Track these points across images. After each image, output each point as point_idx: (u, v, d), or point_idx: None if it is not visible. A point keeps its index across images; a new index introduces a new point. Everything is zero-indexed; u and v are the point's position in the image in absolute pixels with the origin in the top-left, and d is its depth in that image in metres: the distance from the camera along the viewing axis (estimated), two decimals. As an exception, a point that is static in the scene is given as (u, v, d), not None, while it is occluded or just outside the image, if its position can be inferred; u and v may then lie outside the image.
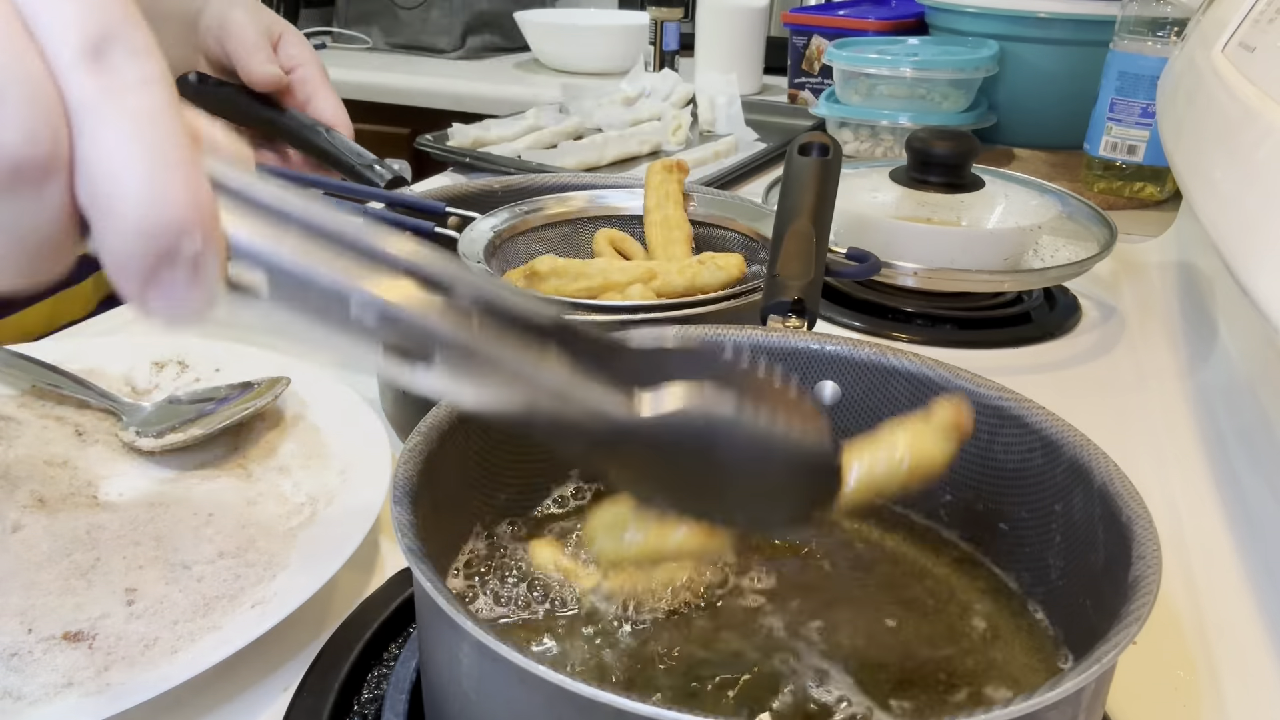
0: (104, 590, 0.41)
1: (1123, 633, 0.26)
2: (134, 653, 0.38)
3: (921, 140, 0.77)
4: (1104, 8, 1.06)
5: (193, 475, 0.50)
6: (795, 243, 0.48)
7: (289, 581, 0.41)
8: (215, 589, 0.41)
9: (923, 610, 0.37)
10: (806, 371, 0.43)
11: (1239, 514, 0.53)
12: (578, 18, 1.82)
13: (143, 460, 0.51)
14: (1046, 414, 0.37)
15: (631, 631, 0.35)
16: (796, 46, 1.35)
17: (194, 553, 0.43)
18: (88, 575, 0.41)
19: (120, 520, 0.45)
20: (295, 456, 0.51)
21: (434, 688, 0.31)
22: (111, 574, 0.41)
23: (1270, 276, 0.41)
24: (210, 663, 0.36)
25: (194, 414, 0.53)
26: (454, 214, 0.61)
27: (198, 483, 0.49)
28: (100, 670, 0.37)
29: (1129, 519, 0.31)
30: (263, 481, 0.49)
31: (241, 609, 0.40)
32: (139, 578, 0.41)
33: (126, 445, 0.52)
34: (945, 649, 0.35)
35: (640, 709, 0.23)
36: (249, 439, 0.53)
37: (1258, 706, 0.41)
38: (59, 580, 0.41)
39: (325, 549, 0.43)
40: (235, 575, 0.42)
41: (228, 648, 0.37)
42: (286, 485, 0.49)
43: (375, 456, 0.49)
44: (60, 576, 0.41)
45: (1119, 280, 0.83)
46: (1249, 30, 0.59)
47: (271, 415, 0.54)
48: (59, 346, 0.60)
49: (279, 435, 0.53)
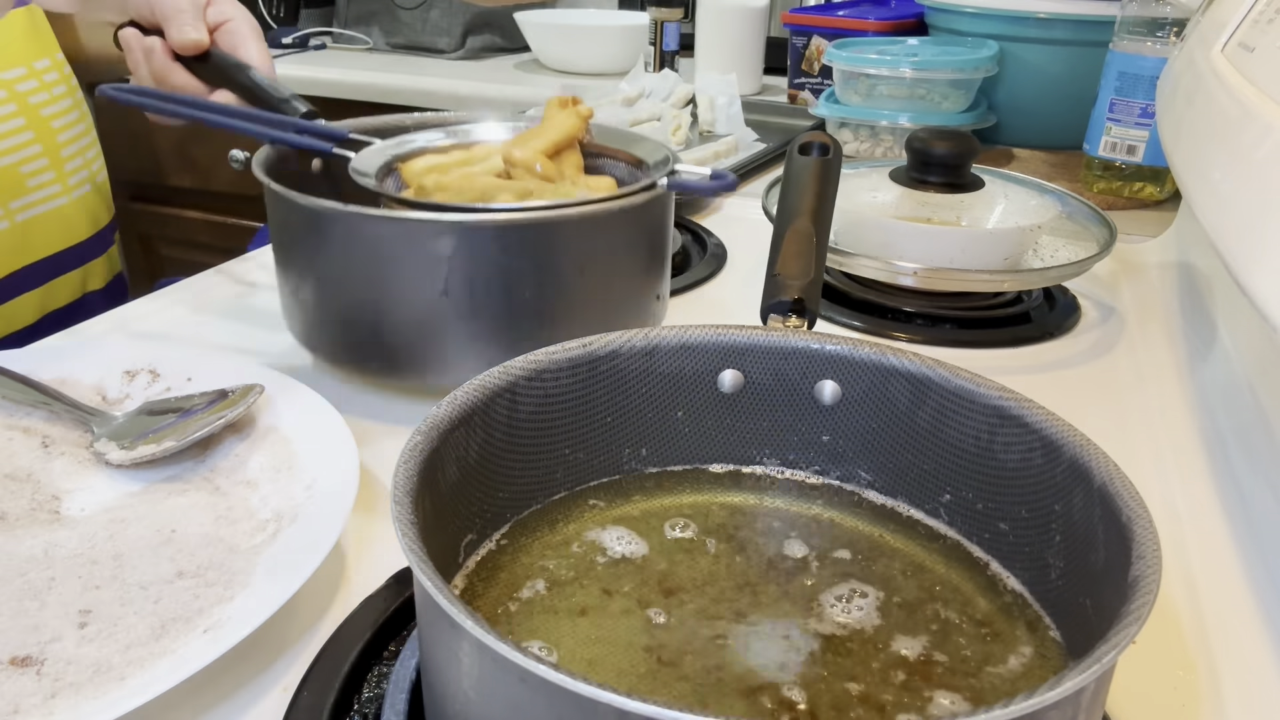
0: (57, 612, 0.39)
1: (1122, 633, 0.26)
2: (83, 679, 0.36)
3: (921, 140, 0.77)
4: (1104, 8, 1.06)
5: (160, 489, 0.49)
6: (795, 243, 0.48)
7: (246, 603, 0.40)
8: (172, 610, 0.40)
9: (923, 609, 0.37)
10: (806, 371, 0.43)
11: (1239, 514, 0.53)
12: (578, 18, 1.82)
13: (110, 472, 0.50)
14: (1046, 414, 0.37)
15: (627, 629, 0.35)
16: (796, 47, 1.35)
17: (152, 572, 0.42)
18: (41, 596, 0.40)
19: (79, 537, 0.44)
20: (264, 469, 0.50)
21: (434, 687, 0.31)
22: (66, 594, 0.40)
23: (1269, 276, 0.41)
24: (159, 690, 0.34)
25: (166, 424, 0.52)
26: (357, 139, 0.64)
27: (164, 497, 0.48)
28: (47, 697, 0.35)
29: (1129, 519, 0.31)
30: (230, 496, 0.48)
31: (195, 632, 0.39)
32: (95, 598, 0.40)
33: (96, 456, 0.51)
34: (945, 648, 0.35)
35: (641, 709, 0.23)
36: (219, 450, 0.52)
37: (1258, 706, 0.41)
38: (11, 601, 0.40)
39: (285, 569, 0.41)
40: (194, 596, 0.41)
41: (179, 674, 0.35)
42: (254, 499, 0.48)
43: (343, 470, 0.47)
44: (13, 597, 0.40)
45: (1119, 280, 0.83)
46: (1248, 30, 0.59)
47: (243, 424, 0.53)
48: (30, 355, 0.59)
49: (249, 447, 0.51)
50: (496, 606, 0.36)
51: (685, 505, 0.42)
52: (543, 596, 0.37)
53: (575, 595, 0.37)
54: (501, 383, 0.39)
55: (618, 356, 0.42)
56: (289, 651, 0.41)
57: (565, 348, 0.41)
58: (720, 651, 0.34)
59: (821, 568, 0.39)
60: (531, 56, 1.78)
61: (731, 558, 0.39)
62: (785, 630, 0.35)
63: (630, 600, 0.36)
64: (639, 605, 0.36)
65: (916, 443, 0.41)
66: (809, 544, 0.40)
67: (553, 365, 0.40)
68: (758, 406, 0.44)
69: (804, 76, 1.36)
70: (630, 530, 0.40)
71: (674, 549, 0.39)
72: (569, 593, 0.37)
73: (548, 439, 0.41)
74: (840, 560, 0.39)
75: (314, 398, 0.54)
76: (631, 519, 0.41)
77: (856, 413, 0.43)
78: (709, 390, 0.44)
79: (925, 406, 0.41)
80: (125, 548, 0.43)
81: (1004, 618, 0.36)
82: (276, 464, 0.50)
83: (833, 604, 0.37)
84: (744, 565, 0.39)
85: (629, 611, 0.36)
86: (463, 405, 0.37)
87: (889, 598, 0.37)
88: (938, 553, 0.40)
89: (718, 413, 0.44)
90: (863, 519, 0.42)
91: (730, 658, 0.34)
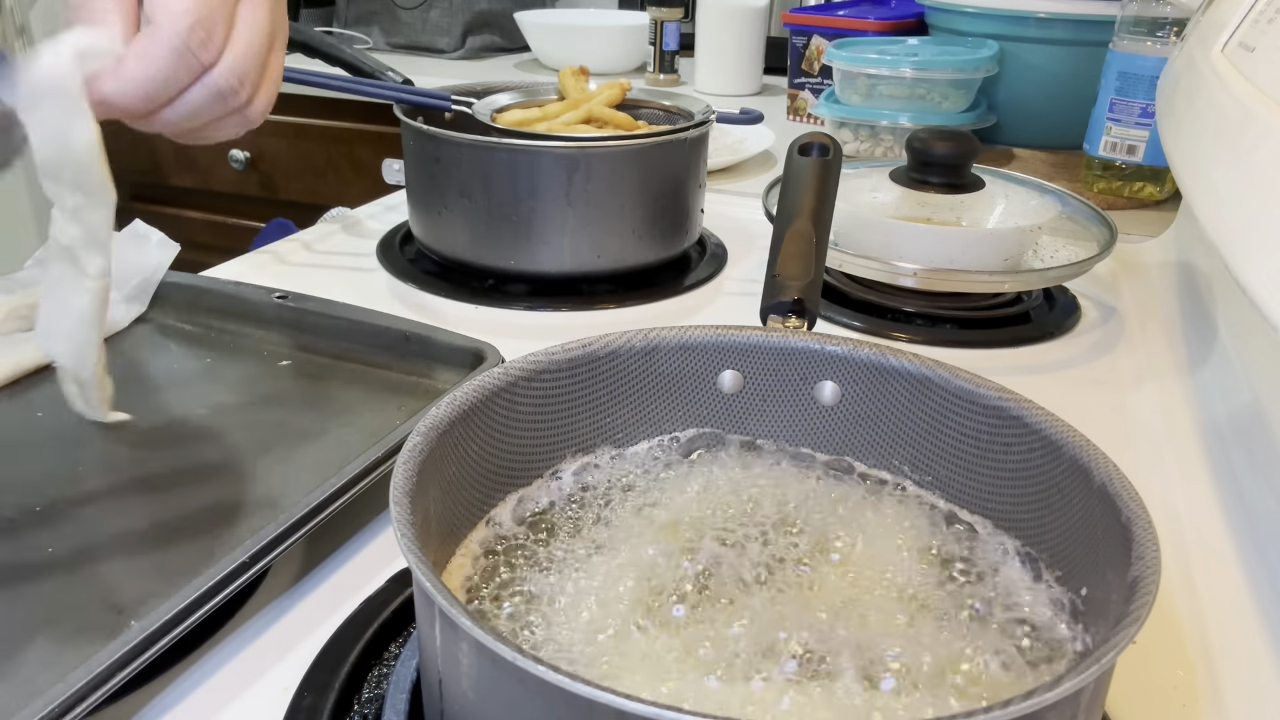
0: None
1: (1122, 633, 0.26)
2: None
3: (921, 140, 0.77)
4: (1104, 8, 1.06)
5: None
6: (795, 243, 0.48)
7: None
8: None
9: (921, 607, 0.37)
10: (806, 371, 0.43)
11: (1239, 514, 0.53)
12: (578, 18, 1.82)
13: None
14: (1046, 414, 0.37)
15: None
16: (796, 46, 1.35)
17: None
18: None
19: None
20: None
21: (433, 688, 0.31)
22: None
23: (1269, 276, 0.41)
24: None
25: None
26: (458, 99, 0.83)
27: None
28: None
29: (1129, 519, 0.31)
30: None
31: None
32: None
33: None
34: (944, 647, 0.35)
35: (640, 709, 0.23)
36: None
37: (1257, 706, 0.41)
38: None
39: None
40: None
41: None
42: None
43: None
44: None
45: (1119, 280, 0.83)
46: (1248, 30, 0.59)
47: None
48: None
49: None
50: (496, 606, 0.36)
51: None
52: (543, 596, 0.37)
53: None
54: (501, 383, 0.39)
55: (618, 357, 0.42)
56: (289, 651, 0.41)
57: (565, 348, 0.41)
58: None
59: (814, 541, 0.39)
60: (531, 56, 1.78)
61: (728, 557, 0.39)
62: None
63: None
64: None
65: (916, 443, 0.41)
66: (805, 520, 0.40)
67: (552, 365, 0.40)
68: (758, 407, 0.44)
69: (804, 76, 1.36)
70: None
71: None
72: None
73: (548, 439, 0.41)
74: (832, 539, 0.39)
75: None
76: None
77: (856, 413, 0.43)
78: (709, 391, 0.44)
79: (925, 407, 0.41)
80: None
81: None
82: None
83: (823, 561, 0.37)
84: (743, 564, 0.38)
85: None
86: (462, 405, 0.37)
87: (889, 594, 0.37)
88: (936, 552, 0.40)
89: (718, 413, 0.44)
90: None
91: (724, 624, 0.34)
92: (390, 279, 0.80)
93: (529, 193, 0.74)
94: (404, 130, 0.79)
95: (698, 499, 0.42)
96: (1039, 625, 0.36)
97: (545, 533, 0.40)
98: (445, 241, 0.79)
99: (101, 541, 0.45)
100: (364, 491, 0.46)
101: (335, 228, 0.93)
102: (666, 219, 0.79)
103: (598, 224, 0.76)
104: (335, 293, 0.67)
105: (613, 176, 0.75)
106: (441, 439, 0.35)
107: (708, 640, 0.34)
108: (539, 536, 0.40)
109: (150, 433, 0.54)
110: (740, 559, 0.38)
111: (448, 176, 0.76)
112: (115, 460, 0.51)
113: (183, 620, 0.38)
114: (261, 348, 0.63)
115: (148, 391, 0.59)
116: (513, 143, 0.74)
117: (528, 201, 0.74)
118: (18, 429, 0.54)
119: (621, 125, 0.83)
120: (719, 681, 0.32)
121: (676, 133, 0.78)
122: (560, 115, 0.83)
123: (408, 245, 0.86)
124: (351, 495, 0.46)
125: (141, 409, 0.56)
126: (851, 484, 0.43)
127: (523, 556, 0.38)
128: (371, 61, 0.89)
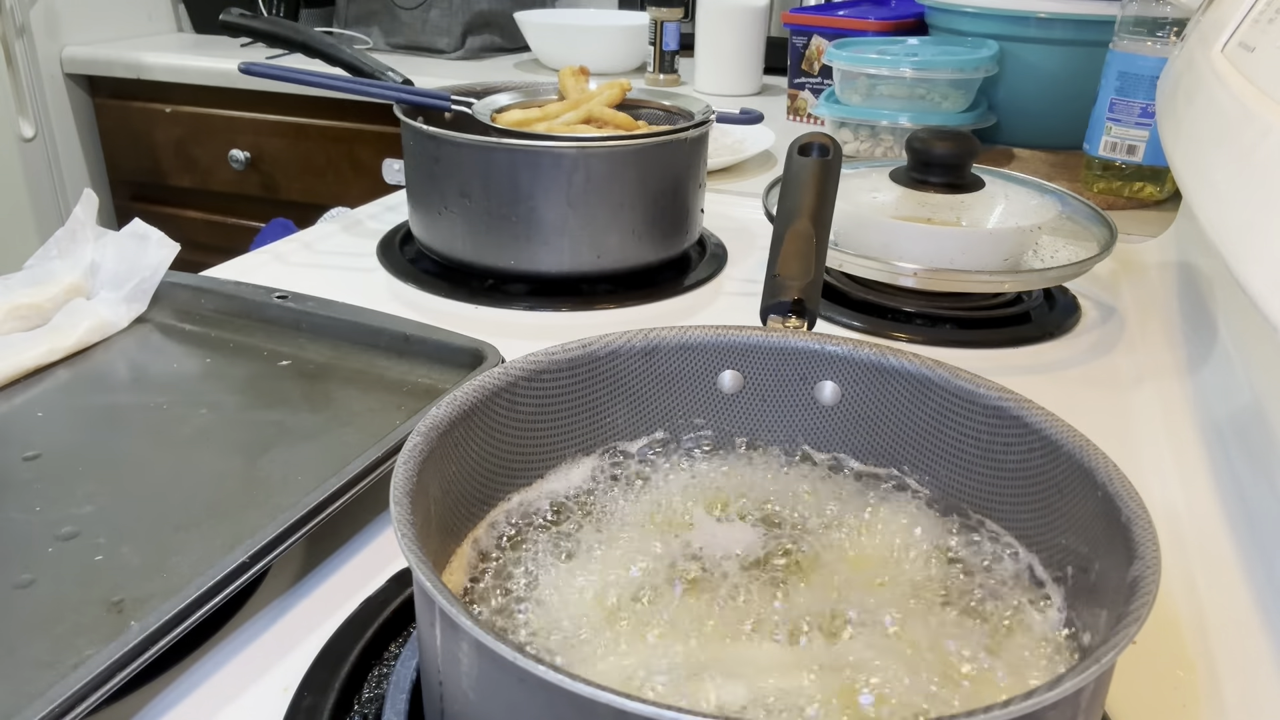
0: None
1: (1122, 633, 0.26)
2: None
3: (921, 140, 0.77)
4: (1104, 8, 1.06)
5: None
6: (795, 243, 0.48)
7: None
8: None
9: (921, 606, 0.37)
10: (806, 371, 0.43)
11: (1239, 514, 0.53)
12: (578, 18, 1.82)
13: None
14: (1046, 414, 0.37)
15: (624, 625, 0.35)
16: (796, 46, 1.35)
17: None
18: None
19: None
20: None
21: (433, 688, 0.31)
22: None
23: (1270, 276, 0.41)
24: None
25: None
26: (458, 99, 0.84)
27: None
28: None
29: (1129, 519, 0.31)
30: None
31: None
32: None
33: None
34: (943, 647, 0.35)
35: (640, 709, 0.23)
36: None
37: (1257, 706, 0.41)
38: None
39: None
40: None
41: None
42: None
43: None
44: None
45: (1119, 280, 0.83)
46: (1249, 30, 0.59)
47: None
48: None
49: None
50: (496, 606, 0.36)
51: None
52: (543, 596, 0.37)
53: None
54: (501, 383, 0.39)
55: (618, 357, 0.42)
56: (289, 651, 0.41)
57: (565, 348, 0.41)
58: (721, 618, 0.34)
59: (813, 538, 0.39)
60: (531, 56, 1.78)
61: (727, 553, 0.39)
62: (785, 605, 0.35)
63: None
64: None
65: (916, 443, 0.41)
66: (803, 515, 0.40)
67: (552, 365, 0.40)
68: (758, 407, 0.44)
69: (804, 76, 1.36)
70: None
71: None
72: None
73: (548, 439, 0.41)
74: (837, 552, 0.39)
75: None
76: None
77: (856, 413, 0.43)
78: (709, 391, 0.44)
79: (925, 407, 0.41)
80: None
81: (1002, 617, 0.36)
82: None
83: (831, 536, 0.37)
84: (741, 566, 0.38)
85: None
86: (463, 405, 0.37)
87: (891, 595, 0.37)
88: (936, 551, 0.40)
89: (718, 413, 0.44)
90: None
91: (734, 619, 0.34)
92: (390, 279, 0.80)
93: (529, 193, 0.74)
94: (404, 130, 0.80)
95: (698, 499, 0.42)
96: (1038, 625, 0.36)
97: (545, 533, 0.40)
98: (445, 241, 0.79)
99: (102, 541, 0.45)
100: (364, 491, 0.46)
101: (335, 228, 0.93)
102: (666, 219, 0.79)
103: (598, 224, 0.76)
104: (335, 293, 0.67)
105: (613, 176, 0.75)
106: (442, 439, 0.35)
107: (707, 640, 0.34)
108: (539, 536, 0.40)
109: (150, 433, 0.54)
110: (740, 559, 0.38)
111: (448, 176, 0.76)
112: (115, 460, 0.52)
113: (183, 620, 0.38)
114: (261, 348, 0.63)
115: (148, 391, 0.59)
116: (513, 143, 0.75)
117: (527, 201, 0.74)
118: (18, 429, 0.54)
119: (621, 125, 0.83)
120: (719, 681, 0.32)
121: (676, 133, 0.78)
122: (560, 115, 0.83)
123: (408, 245, 0.86)
124: (351, 495, 0.46)
125: (141, 409, 0.56)
126: (851, 484, 0.43)
127: (523, 556, 0.38)
128: (371, 61, 0.90)
